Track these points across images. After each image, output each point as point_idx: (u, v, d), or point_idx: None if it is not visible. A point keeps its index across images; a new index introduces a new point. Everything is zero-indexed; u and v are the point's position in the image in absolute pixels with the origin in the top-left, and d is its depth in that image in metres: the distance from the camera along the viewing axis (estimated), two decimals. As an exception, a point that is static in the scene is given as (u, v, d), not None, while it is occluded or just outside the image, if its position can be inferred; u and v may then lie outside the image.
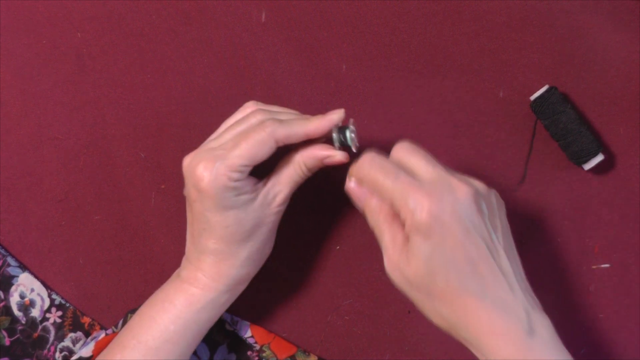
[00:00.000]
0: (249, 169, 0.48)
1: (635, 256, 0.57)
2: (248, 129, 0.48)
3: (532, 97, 0.56)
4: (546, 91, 0.55)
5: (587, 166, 0.55)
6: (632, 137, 0.57)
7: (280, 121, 0.48)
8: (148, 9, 0.61)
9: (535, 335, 0.43)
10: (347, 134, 0.49)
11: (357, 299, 0.58)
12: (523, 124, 0.58)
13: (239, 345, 0.58)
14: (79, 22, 0.61)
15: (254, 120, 0.49)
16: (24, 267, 0.60)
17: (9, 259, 0.59)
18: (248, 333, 0.57)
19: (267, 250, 0.53)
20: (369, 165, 0.46)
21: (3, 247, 0.60)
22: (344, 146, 0.50)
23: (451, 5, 0.59)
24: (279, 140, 0.48)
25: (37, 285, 0.59)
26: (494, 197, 0.47)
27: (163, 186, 0.60)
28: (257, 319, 0.57)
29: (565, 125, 0.55)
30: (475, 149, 0.58)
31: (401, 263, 0.45)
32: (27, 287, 0.59)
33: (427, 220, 0.43)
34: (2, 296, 0.59)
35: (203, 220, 0.49)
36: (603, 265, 0.57)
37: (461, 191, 0.44)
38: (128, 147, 0.60)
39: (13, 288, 0.59)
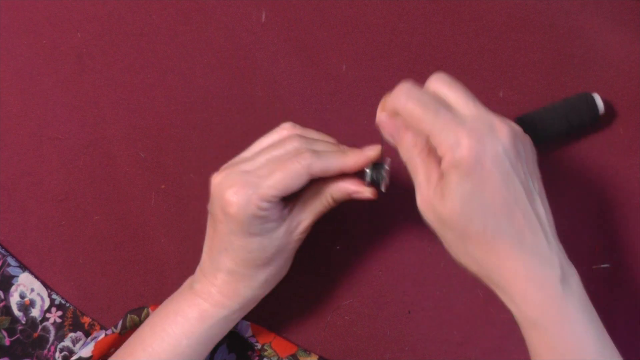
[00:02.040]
0: (279, 198, 0.47)
1: (635, 256, 0.57)
2: (284, 157, 0.47)
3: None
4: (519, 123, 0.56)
5: (601, 110, 0.55)
6: (632, 137, 0.57)
7: (318, 154, 0.47)
8: (148, 9, 0.61)
9: (568, 285, 0.43)
10: (382, 172, 0.49)
11: (357, 299, 0.58)
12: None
13: (239, 346, 0.58)
14: (79, 22, 0.61)
15: (290, 147, 0.48)
16: (24, 267, 0.60)
17: (9, 259, 0.59)
18: (249, 332, 0.57)
19: (284, 273, 0.52)
20: (405, 97, 0.44)
21: (3, 247, 0.60)
22: (374, 183, 0.49)
23: (451, 5, 0.59)
24: (314, 174, 0.47)
25: (37, 285, 0.59)
26: (528, 141, 0.46)
27: (163, 186, 0.60)
28: (257, 319, 0.57)
29: (557, 114, 0.55)
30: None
31: (435, 201, 0.43)
32: (27, 287, 0.59)
33: (468, 157, 0.41)
34: (2, 296, 0.59)
35: (226, 241, 0.48)
36: (603, 265, 0.57)
37: (503, 132, 0.42)
38: (128, 147, 0.60)
39: (13, 288, 0.59)
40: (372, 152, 0.49)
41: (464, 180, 0.42)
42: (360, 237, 0.58)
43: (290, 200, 0.50)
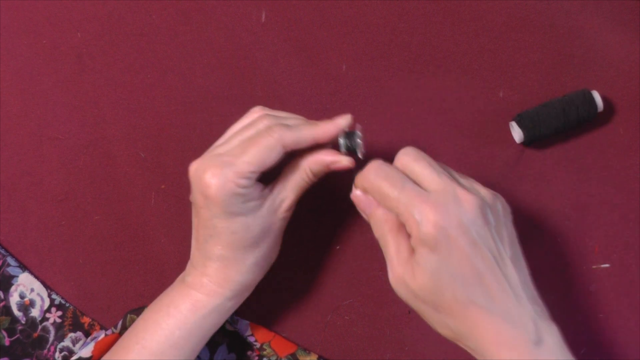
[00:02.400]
0: (256, 175, 0.47)
1: (635, 256, 0.57)
2: (256, 135, 0.48)
3: (519, 140, 0.56)
4: (519, 122, 0.56)
5: (600, 107, 0.55)
6: (632, 137, 0.57)
7: (288, 127, 0.48)
8: (148, 9, 0.61)
9: (542, 345, 0.43)
10: (355, 139, 0.49)
11: (357, 299, 0.58)
12: (523, 124, 0.58)
13: (239, 345, 0.58)
14: (79, 22, 0.61)
15: (261, 125, 0.48)
16: (24, 267, 0.60)
17: (9, 259, 0.59)
18: (248, 332, 0.57)
19: (274, 256, 0.53)
20: (374, 175, 0.46)
21: (3, 247, 0.60)
22: (350, 151, 0.50)
23: (451, 5, 0.59)
24: (287, 145, 0.48)
25: (37, 285, 0.59)
26: (499, 204, 0.47)
27: (163, 186, 0.60)
28: (257, 319, 0.57)
29: (555, 109, 0.55)
30: (475, 149, 0.58)
31: (406, 276, 0.44)
32: (27, 287, 0.59)
33: (433, 232, 0.42)
34: (2, 296, 0.59)
35: (210, 227, 0.48)
36: (603, 265, 0.57)
37: (467, 202, 0.43)
38: (128, 147, 0.60)
39: (13, 288, 0.59)
40: (342, 120, 0.49)
41: (431, 254, 0.43)
42: (360, 237, 0.58)
43: (271, 179, 0.50)
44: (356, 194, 0.48)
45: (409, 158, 0.46)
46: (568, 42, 0.58)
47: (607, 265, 0.57)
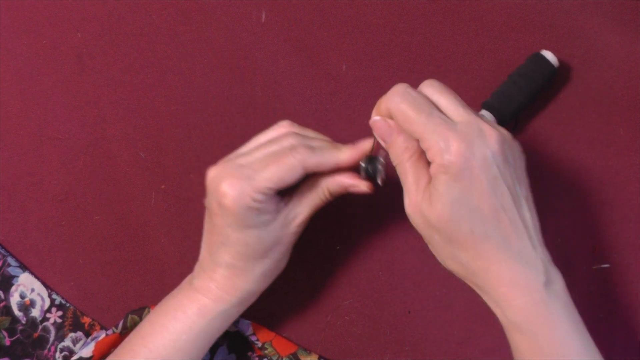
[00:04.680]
0: (274, 191, 0.47)
1: (635, 256, 0.57)
2: (279, 152, 0.48)
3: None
4: (488, 109, 0.56)
5: (555, 63, 0.56)
6: (632, 137, 0.57)
7: (312, 149, 0.48)
8: (148, 9, 0.61)
9: (551, 288, 0.43)
10: (376, 165, 0.49)
11: (357, 299, 0.58)
12: (525, 124, 0.58)
13: (239, 346, 0.58)
14: (79, 22, 0.61)
15: (286, 143, 0.48)
16: (24, 267, 0.60)
17: (9, 259, 0.60)
18: (250, 331, 0.57)
19: (281, 267, 0.53)
20: (400, 99, 0.44)
21: (3, 247, 0.60)
22: (370, 176, 0.49)
23: (451, 5, 0.59)
24: (308, 168, 0.48)
25: (37, 285, 0.59)
26: (517, 147, 0.46)
27: (163, 186, 0.60)
28: (257, 319, 0.57)
29: (516, 86, 0.56)
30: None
31: (424, 204, 0.44)
32: (27, 287, 0.59)
33: (457, 162, 0.42)
34: (3, 296, 0.59)
35: (223, 235, 0.48)
36: (603, 265, 0.57)
37: (492, 138, 0.43)
38: (128, 147, 0.60)
39: (13, 288, 0.59)
40: (365, 146, 0.49)
41: (452, 184, 0.42)
42: (360, 237, 0.58)
43: (287, 193, 0.50)
44: (376, 119, 0.47)
45: (433, 89, 0.46)
46: (568, 42, 0.58)
47: (607, 265, 0.57)
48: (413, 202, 0.45)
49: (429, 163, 0.44)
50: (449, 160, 0.42)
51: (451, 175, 0.42)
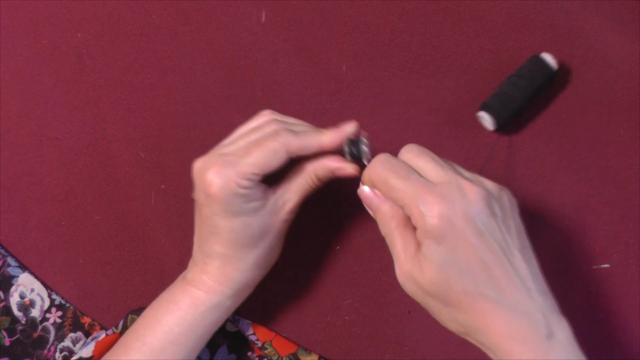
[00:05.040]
0: (259, 177, 0.48)
1: (635, 256, 0.57)
2: (262, 138, 0.48)
3: (491, 127, 0.57)
4: (486, 109, 0.56)
5: (554, 67, 0.56)
6: (632, 137, 0.57)
7: (295, 133, 0.48)
8: (148, 9, 0.61)
9: (553, 339, 0.43)
10: (361, 147, 0.49)
11: (357, 299, 0.58)
12: (525, 123, 0.58)
13: (239, 346, 0.58)
14: (79, 22, 0.61)
15: (268, 129, 0.49)
16: (24, 267, 0.60)
17: (9, 259, 0.59)
18: (250, 331, 0.57)
19: (274, 257, 0.53)
20: (381, 167, 0.46)
21: (3, 247, 0.60)
22: (356, 158, 0.50)
23: (451, 5, 0.59)
24: (291, 151, 0.48)
25: (37, 285, 0.59)
26: (505, 196, 0.46)
27: (163, 186, 0.60)
28: (257, 319, 0.57)
29: (517, 86, 0.56)
30: (475, 149, 0.58)
31: (414, 271, 0.44)
32: (27, 287, 0.59)
33: (439, 224, 0.42)
34: (2, 296, 0.59)
35: (211, 225, 0.49)
36: (603, 265, 0.57)
37: (472, 193, 0.43)
38: (128, 147, 0.60)
39: (13, 288, 0.59)
40: (348, 127, 0.49)
41: (438, 247, 0.42)
42: (360, 237, 0.58)
43: (275, 181, 0.50)
44: (363, 189, 0.48)
45: (412, 154, 0.47)
46: (568, 42, 0.58)
47: (607, 265, 0.57)
48: (404, 270, 0.45)
49: (415, 229, 0.44)
50: (431, 224, 0.42)
51: (436, 238, 0.42)
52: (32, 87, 0.61)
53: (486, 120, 0.56)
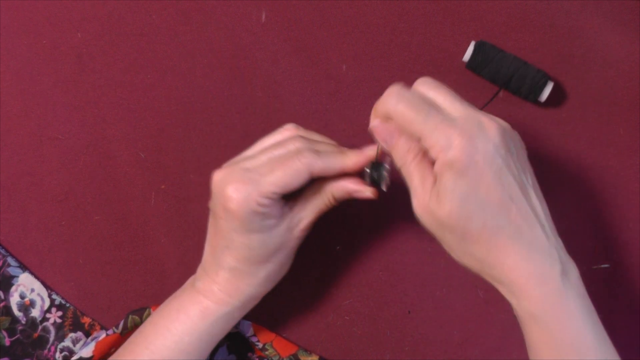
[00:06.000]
0: (279, 196, 0.47)
1: (635, 256, 0.57)
2: (285, 156, 0.48)
3: (465, 58, 0.56)
4: (476, 47, 0.55)
5: (542, 97, 0.55)
6: (632, 137, 0.57)
7: (319, 153, 0.48)
8: (148, 9, 0.60)
9: (567, 280, 0.43)
10: (381, 172, 0.49)
11: (357, 299, 0.58)
12: (525, 124, 0.58)
13: (239, 347, 0.58)
14: (79, 22, 0.61)
15: (292, 147, 0.48)
16: (24, 267, 0.60)
17: (9, 259, 0.59)
18: (250, 332, 0.57)
19: (284, 271, 0.53)
20: (395, 100, 0.44)
21: (3, 247, 0.60)
22: (374, 182, 0.49)
23: (451, 5, 0.59)
24: (314, 172, 0.48)
25: (37, 285, 0.59)
26: (517, 136, 0.46)
27: (163, 186, 0.60)
28: (258, 320, 0.57)
29: (503, 67, 0.55)
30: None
31: (432, 204, 0.44)
32: (27, 287, 0.59)
33: (461, 157, 0.42)
34: (2, 296, 0.59)
35: (227, 238, 0.48)
36: (603, 265, 0.57)
37: (492, 130, 0.43)
38: (128, 147, 0.60)
39: (13, 288, 0.59)
40: (371, 152, 0.49)
41: (458, 180, 0.42)
42: (360, 237, 0.58)
43: (292, 198, 0.50)
44: (375, 123, 0.47)
45: (427, 87, 0.46)
46: (568, 42, 0.58)
47: (607, 265, 0.57)
48: (421, 202, 0.45)
49: (432, 162, 0.44)
50: (452, 156, 0.42)
51: (456, 171, 0.42)
52: (32, 87, 0.61)
53: (468, 51, 0.56)
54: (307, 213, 0.50)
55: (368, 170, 0.49)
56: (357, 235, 0.58)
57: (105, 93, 0.60)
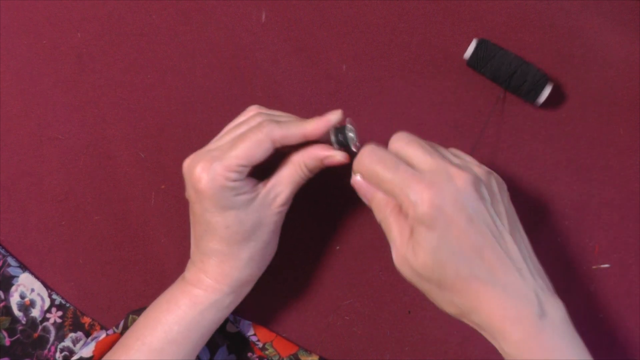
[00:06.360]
0: (246, 169, 0.48)
1: (635, 256, 0.57)
2: (246, 131, 0.49)
3: (466, 55, 0.56)
4: (478, 44, 0.55)
5: (541, 99, 0.55)
6: (632, 137, 0.57)
7: (278, 122, 0.49)
8: (148, 9, 0.60)
9: (546, 319, 0.43)
10: (347, 133, 0.49)
11: (357, 299, 0.58)
12: (524, 123, 0.58)
13: (239, 347, 0.58)
14: (79, 22, 0.61)
15: (252, 122, 0.49)
16: (24, 267, 0.60)
17: (9, 259, 0.59)
18: (251, 331, 0.57)
19: (270, 252, 0.53)
20: (368, 159, 0.46)
21: (3, 247, 0.60)
22: (344, 147, 0.50)
23: (451, 5, 0.59)
24: (275, 140, 0.48)
25: (37, 285, 0.59)
26: (494, 180, 0.47)
27: (163, 186, 0.60)
28: (258, 320, 0.57)
29: (504, 66, 0.55)
30: (476, 150, 0.58)
31: (409, 256, 0.45)
32: (27, 287, 0.59)
33: (429, 211, 0.43)
34: (3, 296, 0.59)
35: (204, 222, 0.49)
36: (603, 265, 0.57)
37: (460, 179, 0.44)
38: (128, 147, 0.60)
39: (13, 288, 0.59)
40: (332, 115, 0.49)
41: (428, 233, 0.43)
42: (360, 237, 0.58)
43: (265, 175, 0.50)
44: (356, 179, 0.48)
45: (401, 142, 0.47)
46: (568, 42, 0.58)
47: (607, 265, 0.57)
48: (400, 254, 0.46)
49: None
50: (421, 210, 0.43)
51: (426, 225, 0.43)
52: (32, 87, 0.61)
53: (469, 49, 0.56)
54: (282, 187, 0.50)
55: (333, 136, 0.49)
56: (357, 235, 0.58)
57: (105, 93, 0.60)
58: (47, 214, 0.60)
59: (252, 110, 0.52)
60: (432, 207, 0.43)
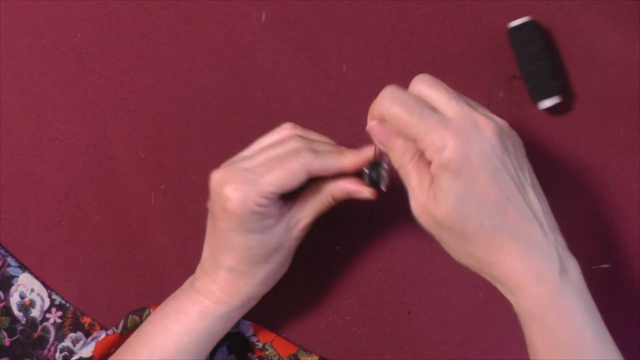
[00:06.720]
0: (277, 195, 0.47)
1: (635, 256, 0.57)
2: (283, 156, 0.48)
3: (512, 25, 0.56)
4: (525, 23, 0.55)
5: (542, 105, 0.55)
6: (632, 137, 0.57)
7: (316, 153, 0.48)
8: (148, 9, 0.60)
9: (566, 275, 0.43)
10: (380, 171, 0.49)
11: (357, 299, 0.58)
12: (525, 123, 0.58)
13: (239, 347, 0.58)
14: (79, 22, 0.61)
15: (289, 146, 0.48)
16: (24, 267, 0.60)
17: (9, 259, 0.59)
18: (251, 332, 0.57)
19: (283, 271, 0.53)
20: (390, 102, 0.44)
21: (3, 247, 0.60)
22: (373, 182, 0.49)
23: (451, 5, 0.59)
24: (312, 172, 0.47)
25: (37, 285, 0.59)
26: (515, 134, 0.46)
27: (163, 186, 0.60)
28: (258, 320, 0.57)
29: (533, 58, 0.55)
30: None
31: (430, 204, 0.44)
32: (27, 287, 0.59)
33: (456, 158, 0.42)
34: (2, 296, 0.59)
35: (226, 238, 0.48)
36: (603, 265, 0.57)
37: (487, 129, 0.43)
38: (128, 147, 0.60)
39: (13, 288, 0.59)
40: (369, 151, 0.49)
41: (454, 181, 0.42)
42: (360, 237, 0.58)
43: (290, 198, 0.50)
44: (372, 125, 0.47)
45: (424, 85, 0.46)
46: (568, 42, 0.58)
47: (607, 265, 0.57)
48: (419, 203, 0.45)
49: (429, 162, 0.44)
50: (447, 157, 0.42)
51: (452, 172, 0.42)
52: (32, 87, 0.61)
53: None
54: (306, 213, 0.50)
55: (367, 171, 0.49)
56: (357, 235, 0.58)
57: (105, 93, 0.60)
58: (47, 214, 0.60)
59: (288, 129, 0.51)
60: (459, 155, 0.42)
